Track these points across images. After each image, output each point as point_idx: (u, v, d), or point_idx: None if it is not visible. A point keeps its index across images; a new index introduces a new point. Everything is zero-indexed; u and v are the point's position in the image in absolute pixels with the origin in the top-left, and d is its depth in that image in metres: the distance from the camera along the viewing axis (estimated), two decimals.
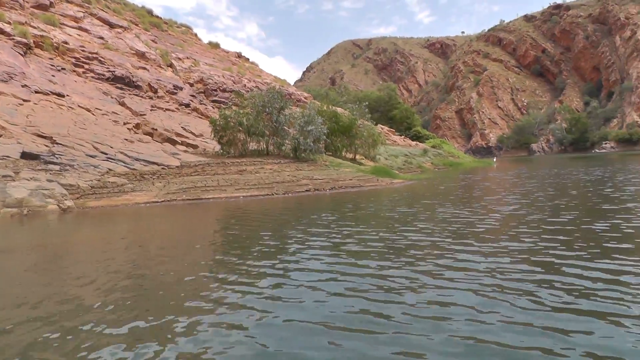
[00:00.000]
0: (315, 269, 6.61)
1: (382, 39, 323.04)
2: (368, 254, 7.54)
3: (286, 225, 11.43)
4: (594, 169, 32.87)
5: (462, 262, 6.71)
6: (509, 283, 5.50)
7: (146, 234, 11.33)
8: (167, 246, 9.37)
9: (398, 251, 7.72)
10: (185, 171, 23.54)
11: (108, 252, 8.87)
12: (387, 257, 7.28)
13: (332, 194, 20.76)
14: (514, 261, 6.59)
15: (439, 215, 11.85)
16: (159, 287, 6.03)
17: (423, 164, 49.21)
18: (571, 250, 7.09)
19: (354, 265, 6.78)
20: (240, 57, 60.46)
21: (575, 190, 17.15)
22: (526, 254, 7.03)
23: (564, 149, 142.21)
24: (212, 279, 6.36)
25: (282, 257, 7.52)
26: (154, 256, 8.26)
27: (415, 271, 6.29)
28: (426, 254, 7.40)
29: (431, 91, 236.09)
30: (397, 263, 6.81)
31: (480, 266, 6.39)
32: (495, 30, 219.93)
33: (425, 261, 6.85)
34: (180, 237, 10.76)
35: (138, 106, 32.22)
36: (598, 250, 7.06)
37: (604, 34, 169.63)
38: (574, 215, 10.64)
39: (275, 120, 29.11)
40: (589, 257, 6.59)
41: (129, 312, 4.90)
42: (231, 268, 6.90)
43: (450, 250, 7.56)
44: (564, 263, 6.30)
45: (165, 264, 7.44)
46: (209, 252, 8.57)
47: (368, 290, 5.41)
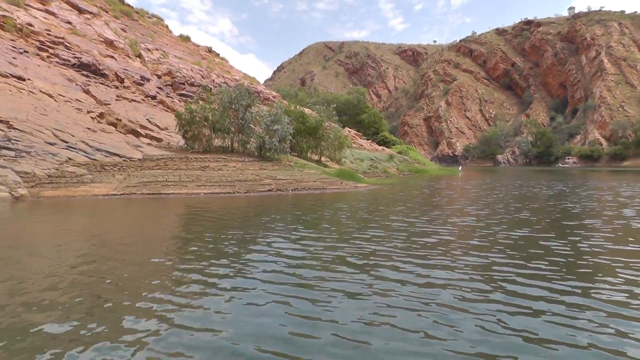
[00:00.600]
0: (249, 276, 6.46)
1: (354, 43, 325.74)
2: (310, 263, 7.37)
3: (236, 226, 11.24)
4: (556, 183, 33.93)
5: (405, 273, 6.68)
6: (453, 302, 5.39)
7: (103, 228, 11.03)
8: (123, 241, 9.18)
9: (342, 260, 7.54)
10: (148, 164, 23.20)
11: (61, 245, 8.67)
12: (330, 267, 7.10)
13: (294, 195, 20.76)
14: (461, 277, 6.50)
15: (395, 223, 11.90)
16: (112, 284, 5.97)
17: (388, 169, 49.64)
18: (524, 267, 7.09)
19: (292, 275, 6.62)
20: (210, 52, 59.82)
21: (536, 204, 17.57)
22: (474, 270, 7.02)
23: (528, 162, 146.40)
24: (161, 277, 6.34)
25: (219, 261, 7.35)
26: (109, 252, 8.08)
27: (354, 284, 6.15)
28: (371, 265, 7.24)
29: (400, 97, 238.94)
30: (338, 274, 6.63)
31: (423, 280, 6.30)
32: (466, 42, 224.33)
33: (367, 274, 6.65)
34: (136, 232, 10.52)
35: (103, 95, 31.56)
36: (552, 269, 7.03)
37: (572, 53, 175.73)
38: (532, 230, 10.80)
39: (241, 117, 28.89)
40: (541, 275, 6.59)
41: (77, 311, 4.87)
42: (170, 270, 6.88)
43: (397, 261, 7.50)
44: (515, 281, 6.31)
45: (119, 260, 7.37)
46: (160, 250, 8.45)
47: (291, 305, 5.21)
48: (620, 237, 9.91)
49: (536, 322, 4.76)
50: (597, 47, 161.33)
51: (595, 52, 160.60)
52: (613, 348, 4.15)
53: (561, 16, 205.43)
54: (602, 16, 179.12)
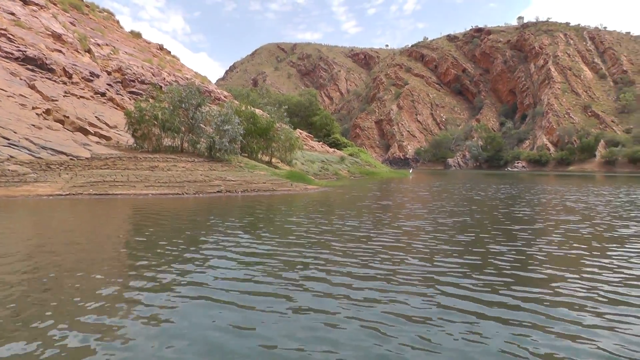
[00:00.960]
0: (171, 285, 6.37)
1: (307, 45, 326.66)
2: (244, 269, 7.32)
3: (177, 230, 11.16)
4: (505, 186, 35.41)
5: (341, 287, 6.41)
6: (387, 317, 5.19)
7: (47, 231, 10.83)
8: (65, 245, 9.08)
9: (274, 268, 7.44)
10: (96, 164, 22.92)
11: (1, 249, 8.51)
12: (269, 274, 7.02)
13: (243, 197, 20.95)
14: (400, 287, 6.39)
15: (338, 227, 12.16)
16: (54, 290, 5.96)
17: (339, 171, 50.25)
18: (465, 276, 7.11)
19: (225, 279, 6.65)
20: (161, 49, 58.93)
21: (485, 207, 18.30)
22: (414, 278, 6.97)
23: (478, 165, 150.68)
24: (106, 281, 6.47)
25: (141, 268, 7.24)
26: (52, 256, 7.92)
27: (286, 292, 6.09)
28: (306, 274, 7.07)
29: (352, 100, 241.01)
30: (272, 285, 6.47)
31: (363, 294, 6.10)
32: (418, 47, 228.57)
33: (301, 285, 6.46)
34: (81, 235, 10.36)
35: (50, 91, 30.77)
36: (498, 278, 7.03)
37: (521, 60, 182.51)
38: (477, 235, 11.11)
39: (191, 116, 28.84)
40: (482, 285, 6.57)
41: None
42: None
43: (336, 269, 7.48)
44: (454, 292, 6.28)
45: (61, 264, 7.34)
46: (100, 253, 8.50)
47: (218, 321, 5.02)
48: (565, 242, 10.45)
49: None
50: (545, 55, 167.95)
51: (543, 61, 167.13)
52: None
53: (511, 25, 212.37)
54: (549, 26, 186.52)
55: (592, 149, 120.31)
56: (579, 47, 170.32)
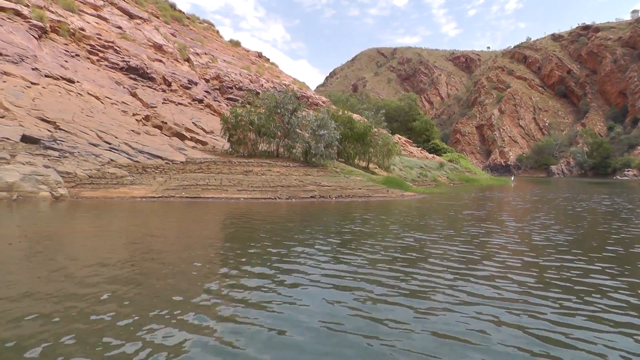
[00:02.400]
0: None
1: (406, 49, 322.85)
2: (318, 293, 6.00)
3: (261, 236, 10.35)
4: (617, 198, 31.16)
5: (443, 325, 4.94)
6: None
7: (144, 232, 10.53)
8: (162, 248, 8.62)
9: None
10: (190, 167, 22.80)
11: (100, 249, 8.35)
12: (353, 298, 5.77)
13: (337, 203, 19.69)
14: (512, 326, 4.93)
15: (434, 244, 10.41)
16: (155, 292, 5.68)
17: (438, 177, 48.05)
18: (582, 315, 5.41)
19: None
20: (260, 56, 59.79)
21: (600, 228, 15.37)
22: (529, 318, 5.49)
23: (583, 173, 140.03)
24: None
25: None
26: (150, 258, 7.62)
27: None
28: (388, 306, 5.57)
29: (453, 105, 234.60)
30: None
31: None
32: (521, 48, 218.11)
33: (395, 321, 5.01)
34: (175, 238, 9.89)
35: (150, 98, 31.61)
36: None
37: (633, 59, 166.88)
38: (586, 264, 8.95)
39: (287, 121, 28.19)
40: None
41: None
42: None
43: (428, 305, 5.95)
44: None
45: (161, 267, 6.99)
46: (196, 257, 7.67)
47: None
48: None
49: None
50: None
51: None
52: None
53: (622, 20, 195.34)
54: None
55: None
56: None
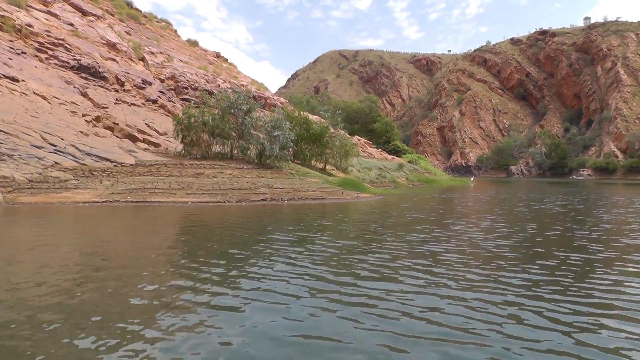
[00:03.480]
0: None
1: (368, 51, 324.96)
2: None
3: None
4: (573, 197, 31.78)
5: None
6: None
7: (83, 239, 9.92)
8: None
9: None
10: (139, 170, 22.18)
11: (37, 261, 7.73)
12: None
13: (289, 205, 19.34)
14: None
15: (383, 244, 10.23)
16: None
17: (397, 179, 48.22)
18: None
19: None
20: (218, 57, 58.90)
21: (556, 226, 15.34)
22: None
23: (542, 173, 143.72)
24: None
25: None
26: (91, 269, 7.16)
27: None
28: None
29: (414, 107, 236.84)
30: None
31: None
32: (481, 51, 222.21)
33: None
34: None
35: (101, 98, 30.69)
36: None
37: (587, 63, 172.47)
38: (544, 266, 8.96)
39: (241, 122, 27.76)
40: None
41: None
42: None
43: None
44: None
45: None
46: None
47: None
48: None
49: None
50: (613, 57, 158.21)
51: (611, 63, 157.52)
52: None
53: (577, 26, 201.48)
54: (618, 26, 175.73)
55: None
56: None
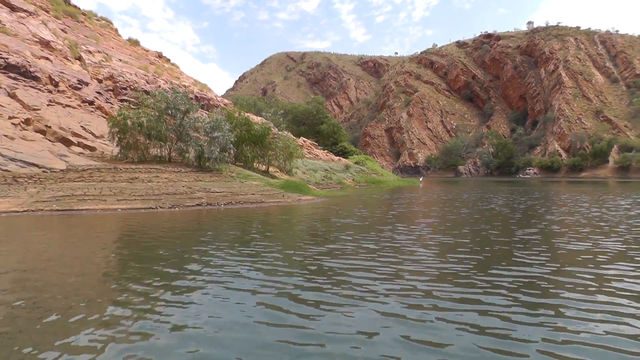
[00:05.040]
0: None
1: (316, 54, 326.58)
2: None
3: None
4: (519, 196, 32.55)
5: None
6: None
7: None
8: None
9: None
10: (70, 176, 21.14)
11: None
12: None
13: (226, 210, 18.79)
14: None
15: (306, 255, 9.74)
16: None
17: (344, 180, 48.27)
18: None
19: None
20: (160, 57, 57.30)
21: (497, 229, 14.78)
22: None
23: (490, 173, 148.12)
24: None
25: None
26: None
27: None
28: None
29: (362, 108, 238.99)
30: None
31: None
32: (428, 54, 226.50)
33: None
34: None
35: (32, 99, 29.12)
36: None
37: (531, 66, 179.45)
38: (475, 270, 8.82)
39: (179, 123, 26.91)
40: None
41: None
42: None
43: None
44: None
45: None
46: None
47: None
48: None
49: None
50: (555, 61, 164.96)
51: (553, 66, 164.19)
52: None
53: (520, 30, 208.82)
54: (559, 31, 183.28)
55: (605, 155, 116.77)
56: (589, 51, 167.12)
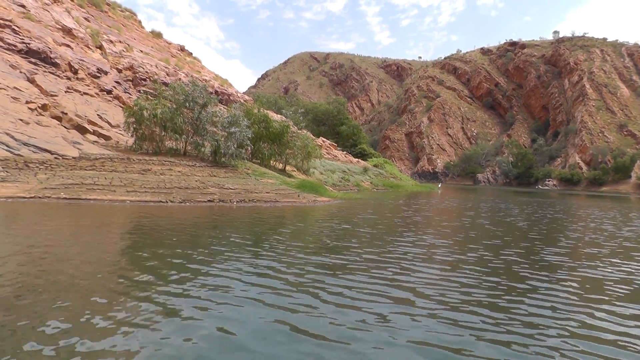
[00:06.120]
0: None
1: (339, 55, 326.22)
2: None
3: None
4: (540, 208, 31.44)
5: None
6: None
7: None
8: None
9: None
10: (82, 164, 20.67)
11: None
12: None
13: (238, 208, 18.05)
14: None
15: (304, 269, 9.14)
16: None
17: (361, 182, 47.48)
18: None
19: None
20: (182, 50, 57.03)
21: (520, 243, 14.23)
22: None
23: (508, 182, 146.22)
24: None
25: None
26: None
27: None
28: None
29: (383, 111, 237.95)
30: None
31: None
32: (451, 59, 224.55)
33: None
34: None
35: (51, 85, 28.85)
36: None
37: (555, 76, 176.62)
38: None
39: (196, 117, 26.33)
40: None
41: None
42: None
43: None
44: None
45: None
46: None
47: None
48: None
49: None
50: (580, 72, 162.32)
51: (577, 77, 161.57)
52: None
53: (545, 39, 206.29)
54: (585, 42, 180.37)
55: (628, 170, 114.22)
56: (616, 63, 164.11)
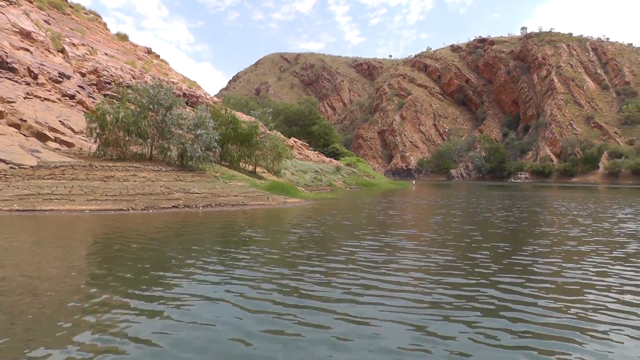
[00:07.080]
0: None
1: (310, 55, 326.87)
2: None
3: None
4: (514, 201, 31.54)
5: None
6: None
7: None
8: None
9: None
10: (40, 173, 19.76)
11: None
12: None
13: (204, 213, 17.46)
14: None
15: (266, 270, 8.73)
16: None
17: (334, 182, 47.16)
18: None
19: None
20: (149, 52, 55.74)
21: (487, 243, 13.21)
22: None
23: (481, 177, 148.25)
24: None
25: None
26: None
27: None
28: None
29: (355, 110, 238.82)
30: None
31: None
32: (422, 57, 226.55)
33: None
34: None
35: (8, 92, 27.71)
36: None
37: (524, 71, 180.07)
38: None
39: (161, 120, 25.54)
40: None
41: None
42: None
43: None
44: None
45: None
46: None
47: None
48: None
49: None
50: (548, 66, 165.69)
51: (546, 72, 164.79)
52: None
53: (514, 35, 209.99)
54: (552, 37, 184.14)
55: (596, 161, 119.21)
56: (581, 58, 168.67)
